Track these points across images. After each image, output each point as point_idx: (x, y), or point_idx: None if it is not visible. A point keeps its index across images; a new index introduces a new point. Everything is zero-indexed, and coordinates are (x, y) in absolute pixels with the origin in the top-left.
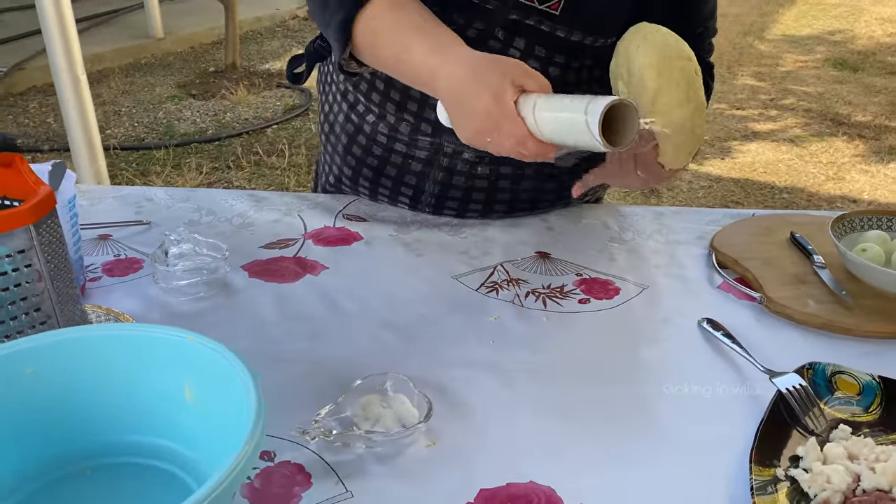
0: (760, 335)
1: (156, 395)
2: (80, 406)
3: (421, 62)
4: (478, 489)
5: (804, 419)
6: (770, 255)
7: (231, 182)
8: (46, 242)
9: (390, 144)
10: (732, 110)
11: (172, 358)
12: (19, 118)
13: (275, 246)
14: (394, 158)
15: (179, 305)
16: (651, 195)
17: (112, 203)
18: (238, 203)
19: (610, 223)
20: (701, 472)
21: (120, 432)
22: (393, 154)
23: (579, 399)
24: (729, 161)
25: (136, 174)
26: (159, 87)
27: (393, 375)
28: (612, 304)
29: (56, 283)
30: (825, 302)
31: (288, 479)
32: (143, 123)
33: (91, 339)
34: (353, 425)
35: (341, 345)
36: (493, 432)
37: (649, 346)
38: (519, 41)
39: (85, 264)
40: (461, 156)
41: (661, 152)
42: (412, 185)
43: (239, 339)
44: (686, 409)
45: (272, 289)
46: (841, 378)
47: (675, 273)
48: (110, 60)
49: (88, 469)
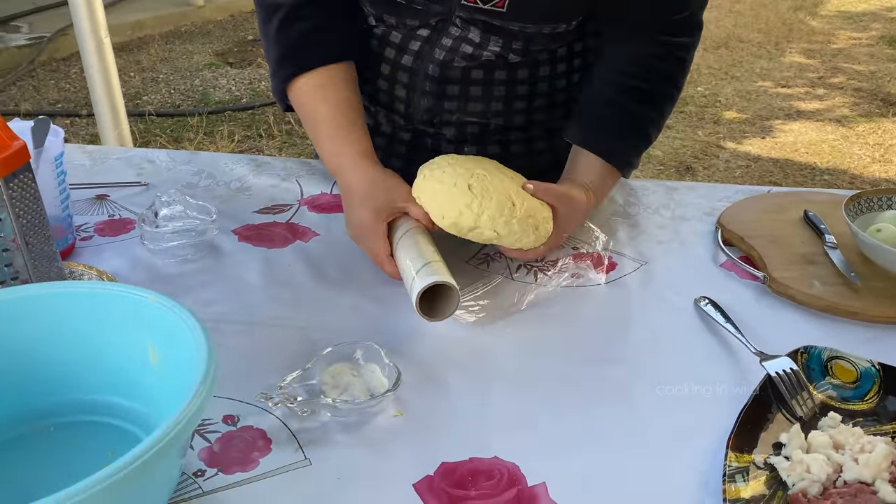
0: (760, 316)
1: (119, 355)
2: (41, 364)
3: (327, 157)
4: (439, 462)
5: (791, 404)
6: (779, 233)
7: (262, 150)
8: (18, 198)
9: (376, 127)
10: (777, 88)
11: (133, 318)
12: (61, 83)
13: (269, 211)
14: (378, 141)
15: (165, 267)
16: (686, 173)
17: (115, 164)
18: (238, 167)
19: (616, 197)
20: (675, 458)
21: (83, 392)
22: (378, 137)
23: (557, 376)
24: (769, 140)
25: (169, 140)
26: (197, 55)
27: (364, 344)
28: (607, 279)
29: (29, 239)
30: (832, 284)
31: (248, 444)
32: (180, 90)
33: (51, 296)
34: (322, 393)
35: (321, 312)
36: (463, 406)
37: (639, 325)
38: (474, 31)
39: (78, 223)
40: (444, 137)
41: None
42: (398, 169)
43: (219, 303)
44: (669, 392)
45: (260, 253)
46: (838, 364)
47: (677, 250)
48: (151, 28)
49: (52, 427)
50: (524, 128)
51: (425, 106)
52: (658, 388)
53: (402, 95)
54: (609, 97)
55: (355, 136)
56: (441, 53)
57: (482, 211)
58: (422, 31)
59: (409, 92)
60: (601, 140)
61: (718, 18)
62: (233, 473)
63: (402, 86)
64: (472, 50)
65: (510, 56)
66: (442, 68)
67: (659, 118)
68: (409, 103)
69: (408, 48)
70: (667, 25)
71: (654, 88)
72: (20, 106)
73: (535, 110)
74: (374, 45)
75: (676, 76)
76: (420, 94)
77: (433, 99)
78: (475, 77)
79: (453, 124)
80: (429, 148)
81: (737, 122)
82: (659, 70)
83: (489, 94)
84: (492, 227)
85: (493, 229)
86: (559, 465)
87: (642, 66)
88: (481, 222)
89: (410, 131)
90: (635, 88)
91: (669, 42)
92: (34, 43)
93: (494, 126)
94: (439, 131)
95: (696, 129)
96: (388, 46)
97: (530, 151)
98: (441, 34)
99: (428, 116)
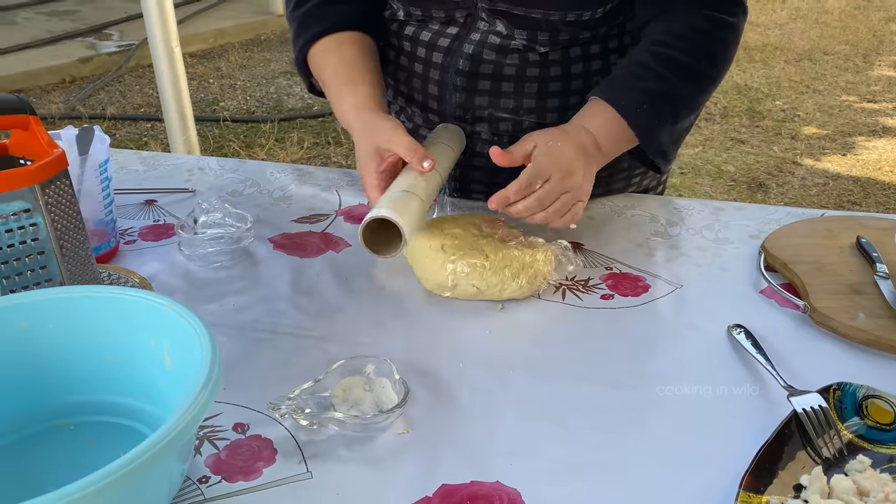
0: (798, 347)
1: (137, 359)
2: (62, 365)
3: (339, 116)
4: (440, 483)
5: (817, 444)
6: (827, 260)
7: (329, 157)
8: (54, 203)
9: (414, 129)
10: (863, 103)
11: (151, 324)
12: (145, 88)
13: (306, 220)
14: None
15: (200, 273)
16: (758, 190)
17: (167, 170)
18: (282, 176)
19: (659, 216)
20: (686, 495)
21: (102, 393)
22: (416, 137)
23: (572, 401)
24: (851, 157)
25: (241, 146)
26: (274, 63)
27: (376, 359)
28: (637, 301)
29: (64, 243)
30: (878, 316)
31: (254, 453)
32: (255, 97)
33: (74, 300)
34: (332, 406)
35: (342, 324)
36: (471, 427)
37: (666, 351)
38: (500, 24)
39: (124, 227)
40: (479, 136)
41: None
42: None
43: (247, 310)
44: (688, 423)
45: (292, 262)
46: (874, 403)
47: (716, 274)
48: (232, 36)
49: (70, 425)
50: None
51: (457, 101)
52: (676, 419)
53: (434, 93)
54: (641, 60)
55: (354, 90)
56: (470, 48)
57: (455, 269)
58: (451, 29)
59: (441, 89)
60: (616, 90)
61: (803, 29)
62: (235, 482)
63: (434, 83)
64: (499, 41)
65: (538, 47)
66: (472, 62)
67: (693, 98)
68: (442, 100)
69: (437, 45)
70: (715, 3)
71: (692, 63)
72: (106, 110)
73: (569, 108)
74: (405, 45)
75: (717, 56)
76: (452, 89)
77: (464, 94)
78: (507, 73)
79: (486, 120)
80: (465, 148)
81: (816, 137)
82: (700, 45)
83: (521, 90)
84: (469, 283)
85: (471, 284)
86: (562, 492)
87: (682, 37)
88: (458, 280)
89: None
90: (672, 59)
91: (714, 17)
92: (123, 50)
93: (528, 124)
94: (474, 129)
95: (771, 144)
96: (418, 46)
97: None
98: (470, 29)
99: (460, 112)
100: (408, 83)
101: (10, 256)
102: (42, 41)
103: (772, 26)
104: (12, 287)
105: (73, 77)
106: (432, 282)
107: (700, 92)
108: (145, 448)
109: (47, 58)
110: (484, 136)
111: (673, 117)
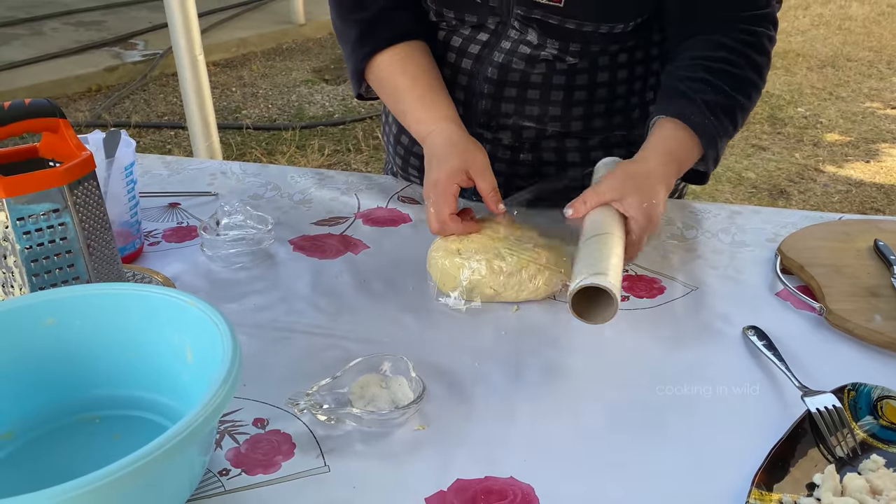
0: (813, 349)
1: (161, 354)
2: (90, 359)
3: (413, 127)
4: (454, 478)
5: (831, 443)
6: (844, 262)
7: (349, 164)
8: (82, 203)
9: None
10: (887, 109)
11: (175, 320)
12: (169, 97)
13: (325, 223)
14: None
15: (222, 273)
16: (780, 197)
17: (190, 174)
18: (303, 180)
19: (675, 219)
20: (699, 493)
21: (128, 387)
22: None
23: (587, 401)
24: (874, 164)
25: (263, 153)
26: (296, 72)
27: (392, 356)
28: (652, 303)
29: (91, 243)
30: (895, 318)
31: (273, 447)
32: (277, 105)
33: (101, 296)
34: (349, 403)
35: (359, 323)
36: (486, 423)
37: (681, 352)
38: (532, 33)
39: (149, 229)
40: (501, 142)
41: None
42: None
43: (267, 309)
44: (703, 424)
45: (311, 263)
46: (889, 404)
47: (732, 276)
48: (254, 45)
49: (97, 419)
50: (582, 136)
51: (483, 108)
52: (690, 419)
53: (461, 98)
54: (694, 75)
55: (437, 103)
56: (500, 56)
57: (471, 272)
58: (481, 35)
59: (467, 95)
60: (678, 104)
61: (826, 36)
62: (255, 475)
63: (461, 89)
64: (529, 51)
65: (567, 58)
66: (500, 70)
67: (747, 108)
68: (468, 106)
69: (467, 52)
70: (752, 18)
71: (743, 74)
72: (131, 118)
73: (594, 116)
74: (435, 50)
75: (762, 68)
76: (478, 96)
77: (490, 101)
78: (534, 81)
79: (510, 128)
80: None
81: (839, 144)
82: (748, 57)
83: (546, 98)
84: (486, 286)
85: (489, 287)
86: (575, 489)
87: (732, 51)
88: (474, 283)
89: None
90: (724, 72)
91: (757, 31)
92: (148, 59)
93: (551, 132)
94: (496, 136)
95: (793, 151)
96: (448, 51)
97: (586, 161)
98: (500, 37)
99: (485, 119)
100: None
101: (40, 255)
102: (69, 51)
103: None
104: (41, 284)
105: (99, 86)
106: (448, 285)
107: (751, 102)
108: (164, 440)
109: (74, 67)
110: (506, 141)
111: (733, 127)
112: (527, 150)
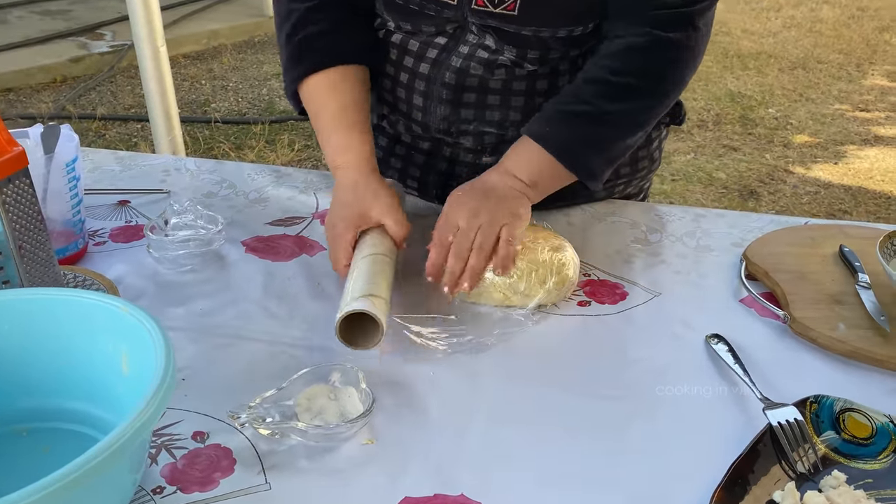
0: (777, 358)
1: (94, 364)
2: (17, 368)
3: (328, 155)
4: (402, 497)
5: (792, 459)
6: (809, 269)
7: (319, 160)
8: (12, 203)
9: (396, 136)
10: (855, 112)
11: (108, 328)
12: (136, 89)
13: (280, 223)
14: (398, 150)
15: (168, 275)
16: (749, 198)
17: (143, 170)
18: (259, 177)
19: (639, 222)
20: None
21: (59, 398)
22: (398, 145)
23: (543, 411)
24: (842, 166)
25: (231, 147)
26: (267, 65)
27: (342, 366)
28: (614, 309)
29: (22, 244)
30: (858, 327)
31: (212, 463)
32: (247, 99)
33: (28, 302)
34: (295, 416)
35: (311, 330)
36: (438, 437)
37: (642, 360)
38: (490, 39)
39: (95, 228)
40: (462, 146)
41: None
42: (416, 178)
43: (214, 314)
44: (663, 434)
45: (263, 266)
46: (851, 417)
47: (695, 281)
48: (225, 37)
49: (25, 431)
50: None
51: (442, 114)
52: (650, 429)
53: (419, 104)
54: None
55: (355, 139)
56: (458, 61)
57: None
58: (439, 39)
59: (426, 100)
60: (540, 121)
61: (797, 38)
62: (191, 493)
63: (419, 94)
64: (487, 55)
65: (526, 64)
66: (458, 76)
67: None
68: (427, 111)
69: (425, 56)
70: (654, 18)
71: (624, 82)
72: (97, 110)
73: None
74: (392, 53)
75: (656, 74)
76: (437, 101)
77: (450, 107)
78: (493, 86)
79: (470, 133)
80: (447, 157)
81: (808, 146)
82: (636, 63)
83: (507, 104)
84: (496, 290)
85: (498, 291)
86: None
87: (616, 56)
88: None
89: (429, 140)
90: (601, 79)
91: (654, 34)
92: (116, 50)
93: (512, 136)
94: (457, 140)
95: (763, 152)
96: (406, 55)
97: None
98: (458, 42)
99: (445, 125)
100: (392, 92)
101: None
102: (34, 40)
103: (766, 34)
104: None
105: (64, 77)
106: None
107: (640, 110)
108: (89, 457)
109: (39, 57)
110: (467, 145)
111: (603, 138)
112: (488, 153)
